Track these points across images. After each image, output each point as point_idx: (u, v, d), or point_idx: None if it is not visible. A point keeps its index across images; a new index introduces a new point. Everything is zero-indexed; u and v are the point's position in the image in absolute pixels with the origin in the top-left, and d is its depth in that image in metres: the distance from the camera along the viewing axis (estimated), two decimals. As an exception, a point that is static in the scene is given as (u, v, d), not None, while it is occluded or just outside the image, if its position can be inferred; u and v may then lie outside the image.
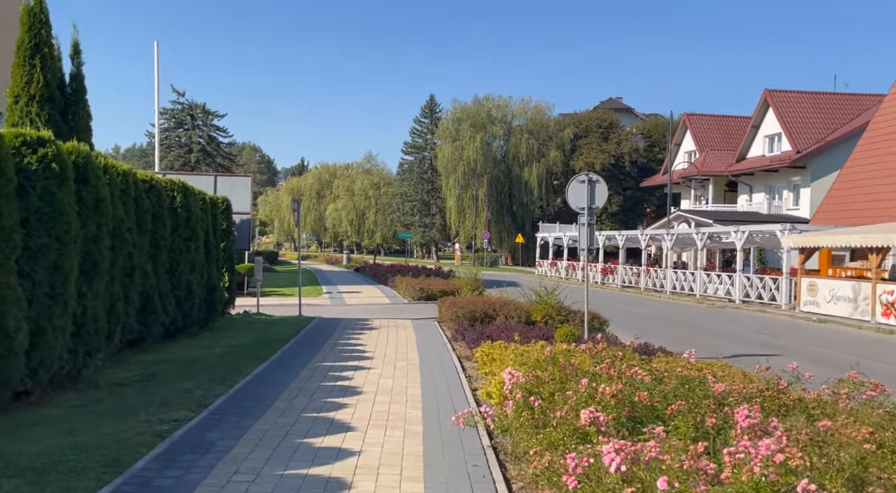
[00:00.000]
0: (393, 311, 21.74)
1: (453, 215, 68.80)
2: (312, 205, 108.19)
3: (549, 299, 15.38)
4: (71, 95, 13.50)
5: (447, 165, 67.41)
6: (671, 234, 33.67)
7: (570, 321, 15.16)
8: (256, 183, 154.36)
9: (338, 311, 21.60)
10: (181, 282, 12.75)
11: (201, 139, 76.31)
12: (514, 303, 16.06)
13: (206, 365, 10.12)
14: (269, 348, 11.75)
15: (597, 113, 70.89)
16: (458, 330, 14.23)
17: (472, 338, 12.81)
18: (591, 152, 64.14)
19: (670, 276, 33.05)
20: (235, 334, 14.05)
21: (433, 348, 12.49)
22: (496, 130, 67.88)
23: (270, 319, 17.09)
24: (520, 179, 66.34)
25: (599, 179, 13.33)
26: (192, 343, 12.45)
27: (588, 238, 13.26)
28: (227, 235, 17.21)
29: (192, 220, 13.12)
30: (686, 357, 10.97)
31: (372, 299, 25.99)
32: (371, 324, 16.19)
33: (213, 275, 14.77)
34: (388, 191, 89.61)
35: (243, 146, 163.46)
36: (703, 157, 48.28)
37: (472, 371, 10.45)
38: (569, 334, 12.88)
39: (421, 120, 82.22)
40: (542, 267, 49.25)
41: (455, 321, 15.27)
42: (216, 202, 16.39)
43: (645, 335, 18.21)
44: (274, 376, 9.29)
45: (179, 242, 12.75)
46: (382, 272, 37.27)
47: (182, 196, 12.82)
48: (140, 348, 11.34)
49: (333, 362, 10.42)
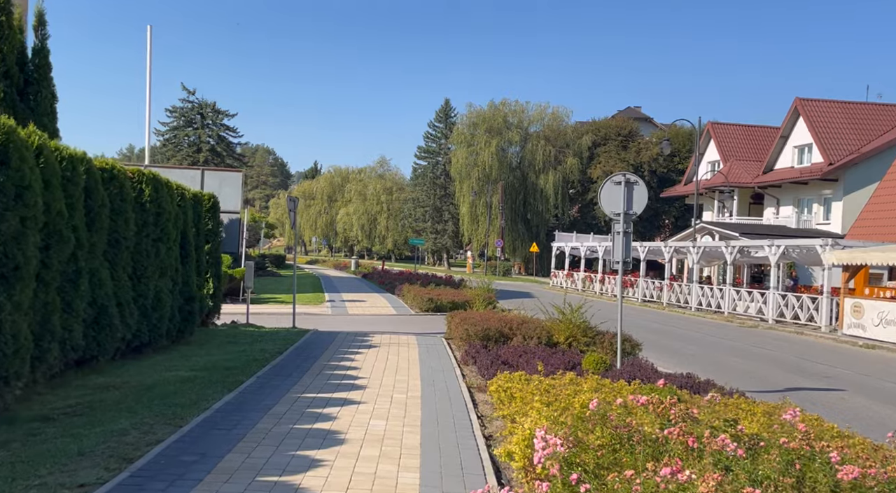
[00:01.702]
0: (398, 323, 19.88)
1: (466, 222, 66.91)
2: (324, 209, 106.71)
3: (574, 317, 13.48)
4: (33, 72, 11.78)
5: (461, 171, 65.59)
6: (697, 246, 31.63)
7: (597, 344, 13.25)
8: (269, 186, 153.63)
9: (337, 322, 19.76)
10: (147, 289, 10.95)
11: (210, 139, 74.93)
12: (533, 321, 14.16)
13: (161, 393, 8.29)
14: (245, 371, 9.91)
15: (616, 121, 68.87)
16: (469, 352, 12.36)
17: (486, 363, 10.93)
18: (610, 161, 62.14)
19: (696, 291, 31.00)
20: (213, 350, 12.23)
21: (439, 374, 10.61)
22: (512, 135, 66.00)
23: (259, 331, 15.27)
24: (535, 186, 64.40)
25: (638, 181, 11.43)
26: (156, 362, 10.64)
27: (623, 249, 11.36)
28: (214, 236, 15.43)
29: (163, 217, 11.32)
30: (749, 397, 9.10)
31: (376, 310, 24.13)
32: (370, 340, 14.32)
33: (190, 281, 12.97)
34: (401, 196, 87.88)
35: (257, 148, 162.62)
36: (728, 167, 46.21)
37: (485, 408, 8.57)
38: (599, 363, 10.97)
39: (435, 124, 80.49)
40: (557, 278, 47.26)
41: (466, 341, 13.39)
42: (200, 199, 14.62)
43: (679, 359, 16.39)
44: (238, 412, 7.44)
45: (146, 243, 10.96)
46: (390, 280, 35.44)
47: (151, 189, 11.04)
48: (91, 368, 9.54)
49: (317, 394, 8.56)
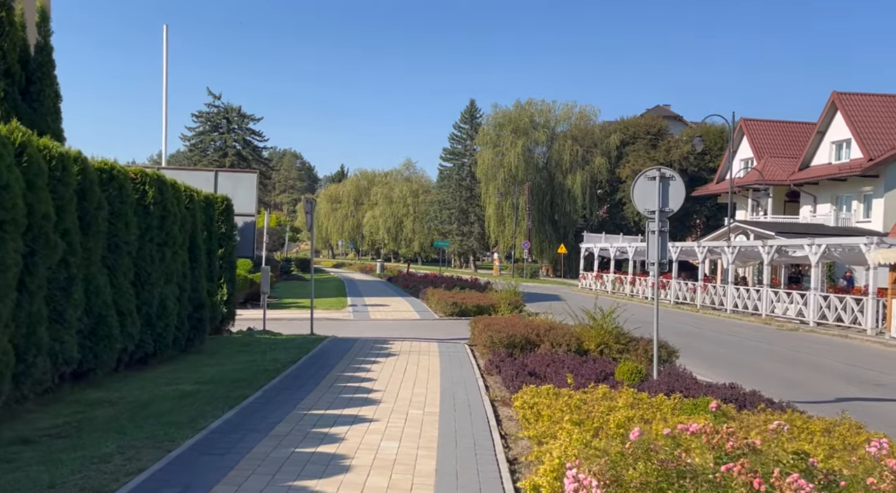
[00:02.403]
0: (420, 329, 19.16)
1: (492, 224, 66.05)
2: (350, 212, 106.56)
3: (606, 322, 12.63)
4: (35, 70, 11.29)
5: (487, 172, 64.77)
6: (732, 246, 30.48)
7: (630, 351, 12.39)
8: (296, 190, 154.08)
9: (358, 328, 19.11)
10: (151, 296, 10.36)
11: (236, 143, 75.13)
12: (561, 326, 13.33)
13: (157, 410, 7.65)
14: (252, 384, 9.25)
15: (644, 119, 67.59)
16: (493, 360, 11.59)
17: (511, 373, 10.15)
18: (639, 160, 60.86)
19: (731, 292, 29.85)
20: (223, 359, 11.62)
21: (461, 386, 9.86)
22: (538, 135, 65.02)
23: (274, 339, 14.65)
24: (562, 186, 63.36)
25: (674, 176, 10.58)
26: (160, 374, 10.03)
27: (659, 249, 10.51)
28: (227, 240, 14.85)
29: (168, 220, 10.73)
30: (801, 412, 8.21)
31: (399, 314, 23.44)
32: (390, 348, 13.62)
33: (199, 287, 12.37)
34: (427, 198, 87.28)
35: (284, 153, 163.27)
36: (763, 164, 44.81)
37: (510, 425, 7.80)
38: (633, 372, 10.13)
39: (461, 126, 79.77)
40: (585, 280, 46.23)
41: (490, 348, 12.62)
42: (212, 201, 14.04)
43: (717, 366, 15.41)
44: (236, 432, 6.76)
45: (150, 248, 10.37)
46: (415, 283, 34.76)
47: (155, 191, 10.45)
48: (89, 382, 8.95)
49: (325, 410, 7.85)
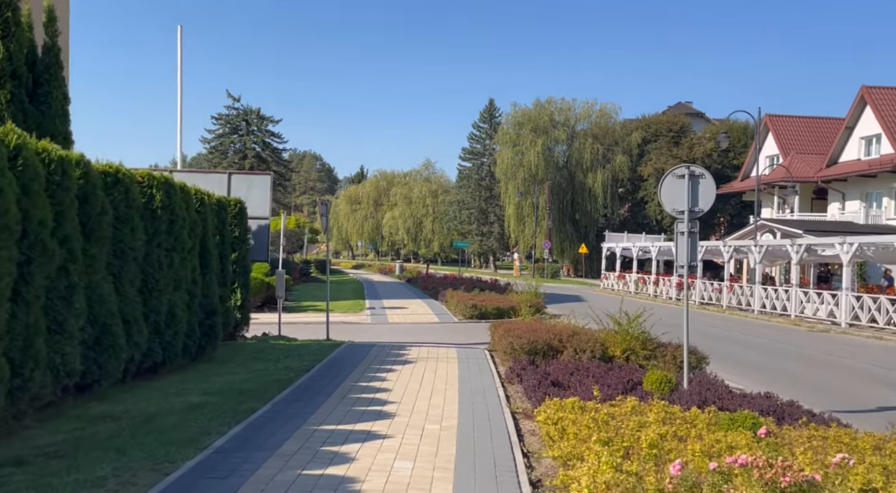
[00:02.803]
0: (438, 333, 18.73)
1: (512, 224, 65.47)
2: (370, 213, 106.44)
3: (631, 327, 12.11)
4: (43, 72, 11.01)
5: (506, 171, 64.22)
6: (759, 245, 29.71)
7: (658, 357, 11.86)
8: (316, 191, 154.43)
9: (375, 332, 18.72)
10: (159, 304, 10.00)
11: (256, 145, 75.17)
12: (585, 331, 12.83)
13: (161, 425, 7.28)
14: (262, 396, 8.86)
15: (666, 116, 66.64)
16: (513, 368, 11.12)
17: (533, 382, 9.68)
18: (661, 157, 60.00)
19: (759, 293, 29.08)
20: (235, 368, 11.25)
21: (480, 396, 9.40)
22: (558, 134, 64.35)
23: (289, 345, 14.28)
24: (583, 185, 62.65)
25: (705, 174, 10.05)
26: (169, 384, 9.68)
27: (688, 251, 9.98)
28: (241, 243, 14.51)
29: (176, 224, 10.38)
30: (846, 425, 7.65)
31: (417, 317, 23.02)
32: (407, 354, 13.19)
33: (211, 293, 12.02)
34: (446, 198, 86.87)
35: (304, 154, 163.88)
36: (789, 161, 43.86)
37: (532, 440, 7.33)
38: (662, 382, 9.60)
39: (479, 125, 79.25)
40: (608, 280, 45.54)
41: (510, 355, 12.15)
42: (224, 204, 13.70)
43: (748, 372, 14.75)
44: (241, 451, 6.36)
45: (158, 253, 10.02)
46: (434, 285, 34.35)
47: (163, 194, 10.10)
48: (93, 394, 8.61)
49: (336, 425, 7.43)
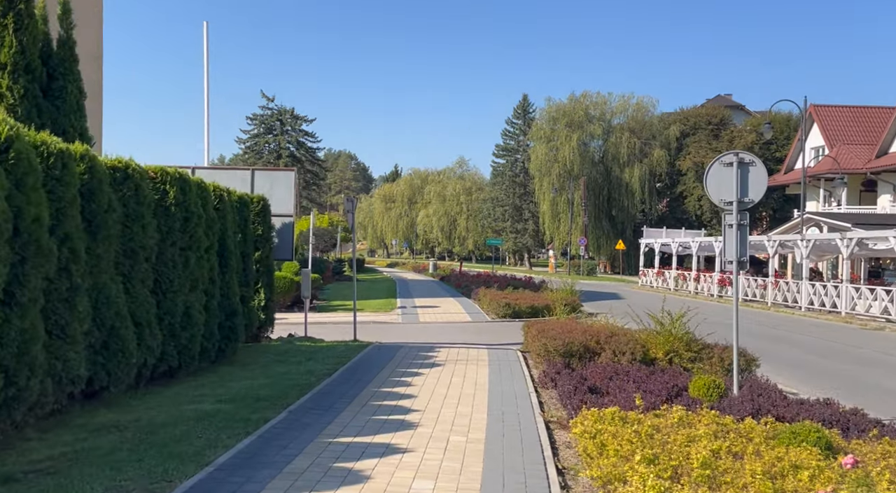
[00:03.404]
0: (470, 333, 18.09)
1: (547, 220, 64.50)
2: (404, 211, 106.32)
3: (675, 327, 11.32)
4: (57, 66, 10.64)
5: (541, 168, 63.26)
6: (806, 240, 28.46)
7: (703, 359, 11.06)
8: (351, 190, 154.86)
9: (405, 332, 18.16)
10: (174, 305, 9.54)
11: (290, 144, 75.32)
12: (624, 332, 12.07)
13: (167, 437, 6.78)
14: (278, 403, 8.33)
15: (705, 109, 65.03)
16: (547, 372, 10.43)
17: (568, 388, 8.99)
18: (700, 151, 58.50)
19: (806, 289, 27.86)
20: (255, 371, 10.76)
21: (511, 403, 8.74)
22: (594, 129, 63.17)
23: (314, 346, 13.78)
24: (620, 180, 61.41)
25: (755, 161, 9.24)
26: (184, 390, 9.20)
27: (738, 245, 9.18)
28: (264, 242, 14.05)
29: (191, 222, 9.90)
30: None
31: (449, 317, 22.40)
32: (435, 356, 12.59)
33: (230, 294, 11.55)
34: (480, 196, 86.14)
35: (339, 154, 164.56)
36: (836, 152, 42.22)
37: (567, 454, 6.66)
38: (710, 387, 8.84)
39: (513, 121, 78.31)
40: (646, 277, 44.41)
41: (544, 357, 11.46)
42: (246, 202, 13.24)
43: (801, 374, 13.79)
44: (246, 468, 5.81)
45: (172, 253, 9.56)
46: (467, 283, 33.71)
47: (177, 191, 9.63)
48: (102, 402, 8.17)
49: (354, 437, 6.85)
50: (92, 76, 18.28)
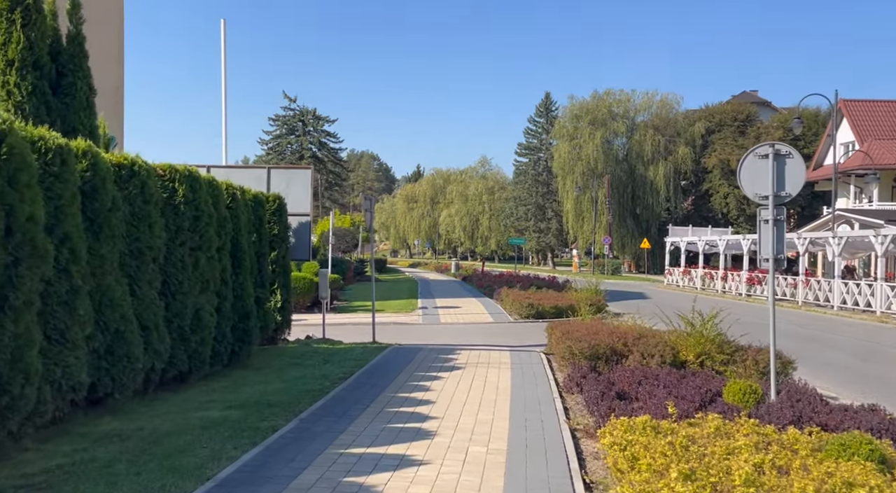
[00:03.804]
0: (492, 334, 17.63)
1: (570, 219, 63.78)
2: (426, 211, 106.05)
3: (706, 328, 10.78)
4: (67, 62, 10.38)
5: (564, 166, 62.58)
6: (838, 237, 27.60)
7: (737, 362, 10.52)
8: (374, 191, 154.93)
9: (425, 333, 17.74)
10: (184, 308, 9.21)
11: (312, 145, 75.37)
12: (653, 333, 11.55)
13: (169, 448, 6.42)
14: (290, 409, 7.95)
15: (731, 105, 63.88)
16: (572, 376, 9.95)
17: (595, 394, 8.50)
18: (726, 148, 57.43)
19: (839, 287, 27.01)
20: (270, 375, 10.41)
21: (535, 410, 8.28)
22: (617, 126, 62.36)
23: (332, 349, 13.41)
24: (644, 178, 60.53)
25: (791, 153, 8.69)
26: (193, 396, 8.86)
27: (774, 242, 8.64)
28: (280, 242, 13.71)
29: (201, 221, 9.57)
30: None
31: (470, 317, 21.94)
32: (456, 359, 12.16)
33: (244, 295, 11.21)
34: (503, 195, 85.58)
35: (362, 155, 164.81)
36: (867, 148, 41.12)
37: (596, 467, 6.19)
38: (747, 393, 8.31)
39: (535, 119, 77.70)
40: (672, 276, 43.60)
41: (569, 360, 10.98)
42: (261, 200, 12.91)
43: (839, 377, 13.09)
44: (249, 484, 5.42)
45: (181, 253, 9.23)
46: (489, 283, 33.21)
47: (186, 189, 9.30)
48: (107, 408, 7.85)
49: (367, 448, 6.44)
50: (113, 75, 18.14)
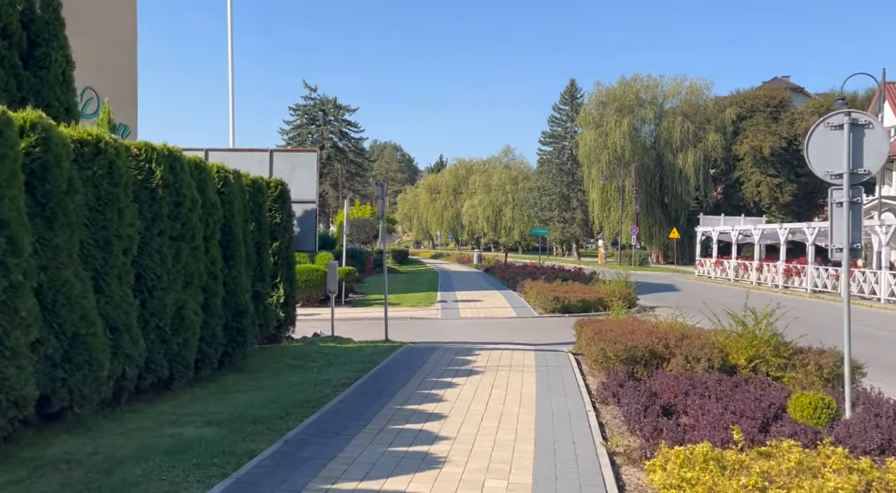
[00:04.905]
0: (515, 330, 16.39)
1: (596, 209, 62.06)
2: (449, 202, 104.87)
3: (760, 328, 9.45)
4: (41, 31, 9.28)
5: (589, 154, 60.81)
6: (886, 225, 25.91)
7: (796, 367, 9.18)
8: (397, 181, 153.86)
9: (443, 329, 16.55)
10: (162, 305, 8.08)
11: (333, 135, 74.28)
12: (697, 334, 10.21)
13: (119, 481, 5.28)
14: (276, 426, 6.79)
15: (763, 91, 61.66)
16: (607, 383, 8.68)
17: (636, 407, 7.22)
18: (759, 134, 55.40)
19: (886, 279, 25.35)
20: (264, 380, 9.27)
21: (564, 427, 7.04)
22: (645, 113, 60.40)
23: (339, 348, 12.26)
24: (672, 167, 58.59)
25: (871, 122, 7.31)
26: (172, 407, 7.74)
27: (849, 229, 7.29)
28: (283, 231, 12.57)
29: (183, 206, 8.43)
30: None
31: (492, 311, 20.69)
32: (474, 360, 10.94)
33: (238, 290, 10.06)
34: (526, 185, 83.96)
35: (385, 145, 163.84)
36: (911, 131, 39.05)
37: (642, 507, 4.96)
38: (818, 407, 7.02)
39: (560, 107, 75.82)
40: (703, 267, 41.94)
41: (602, 363, 9.71)
42: (261, 186, 11.75)
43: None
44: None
45: (159, 243, 8.10)
46: (512, 274, 31.92)
47: (165, 170, 8.15)
48: (66, 425, 6.74)
49: (358, 482, 5.24)
50: (127, 64, 17.07)
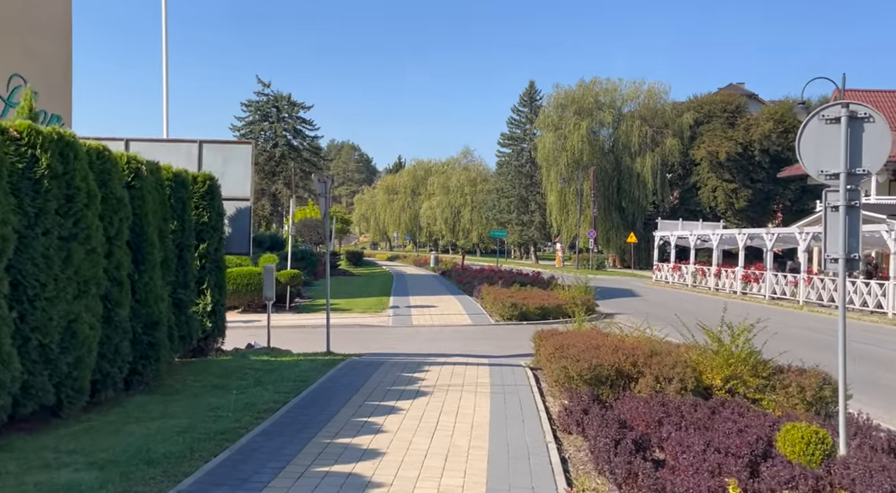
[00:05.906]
0: (470, 339, 15.35)
1: (554, 212, 61.54)
2: (407, 203, 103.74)
3: (737, 345, 8.54)
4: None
5: (548, 157, 60.27)
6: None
7: (776, 388, 8.30)
8: (354, 182, 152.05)
9: (393, 339, 15.41)
10: (48, 319, 6.78)
11: (287, 132, 72.40)
12: (668, 350, 9.24)
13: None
14: (172, 472, 5.58)
15: (720, 96, 62.06)
16: (570, 408, 7.64)
17: (605, 442, 6.18)
18: (715, 139, 55.59)
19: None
20: (176, 406, 7.99)
21: (521, 465, 5.96)
22: (604, 116, 60.14)
23: (273, 362, 11.02)
24: (630, 170, 58.41)
25: (872, 115, 6.42)
26: (53, 441, 6.44)
27: (846, 235, 6.41)
28: (212, 232, 11.27)
29: (76, 202, 7.13)
30: None
31: (447, 318, 19.61)
32: (423, 378, 9.83)
33: (151, 299, 8.77)
34: (485, 187, 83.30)
35: (342, 145, 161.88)
36: (866, 138, 39.26)
37: None
38: (811, 442, 6.08)
39: (519, 109, 75.26)
40: (661, 271, 41.55)
41: (564, 384, 8.69)
42: (184, 181, 10.44)
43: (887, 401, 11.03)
44: None
45: (45, 244, 6.79)
46: (469, 278, 30.92)
47: (54, 158, 6.85)
48: None
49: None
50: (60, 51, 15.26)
